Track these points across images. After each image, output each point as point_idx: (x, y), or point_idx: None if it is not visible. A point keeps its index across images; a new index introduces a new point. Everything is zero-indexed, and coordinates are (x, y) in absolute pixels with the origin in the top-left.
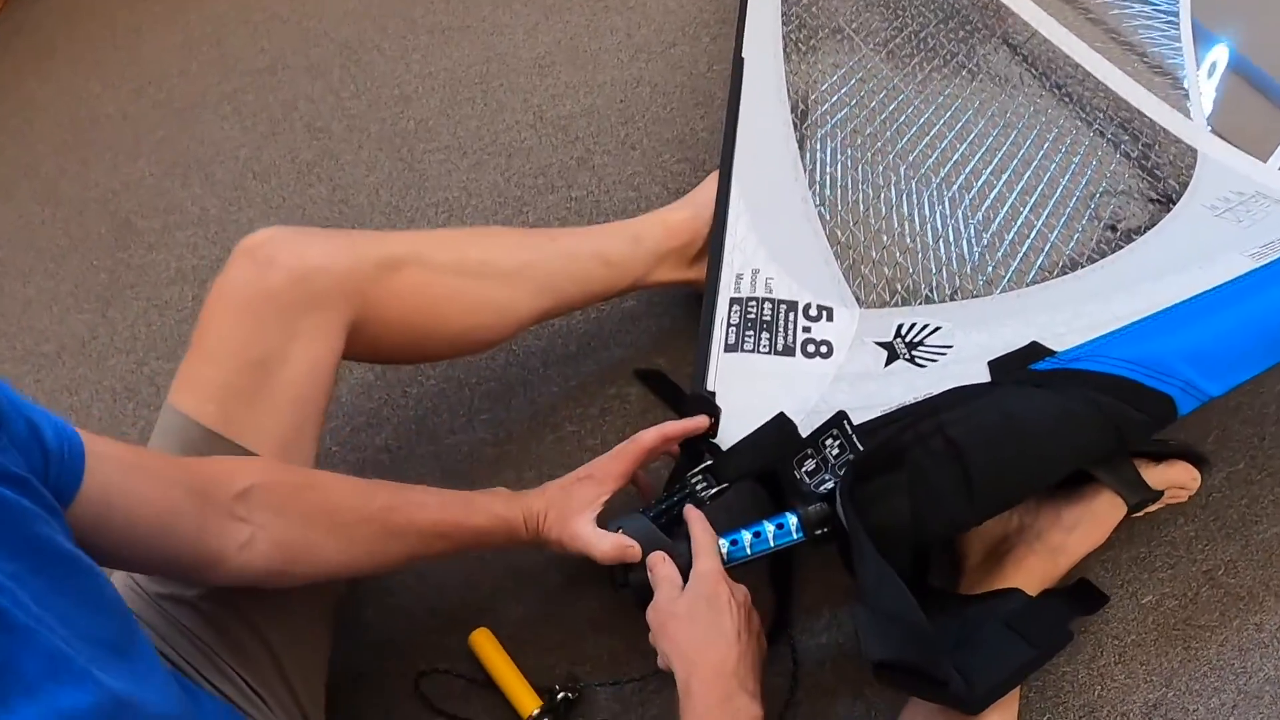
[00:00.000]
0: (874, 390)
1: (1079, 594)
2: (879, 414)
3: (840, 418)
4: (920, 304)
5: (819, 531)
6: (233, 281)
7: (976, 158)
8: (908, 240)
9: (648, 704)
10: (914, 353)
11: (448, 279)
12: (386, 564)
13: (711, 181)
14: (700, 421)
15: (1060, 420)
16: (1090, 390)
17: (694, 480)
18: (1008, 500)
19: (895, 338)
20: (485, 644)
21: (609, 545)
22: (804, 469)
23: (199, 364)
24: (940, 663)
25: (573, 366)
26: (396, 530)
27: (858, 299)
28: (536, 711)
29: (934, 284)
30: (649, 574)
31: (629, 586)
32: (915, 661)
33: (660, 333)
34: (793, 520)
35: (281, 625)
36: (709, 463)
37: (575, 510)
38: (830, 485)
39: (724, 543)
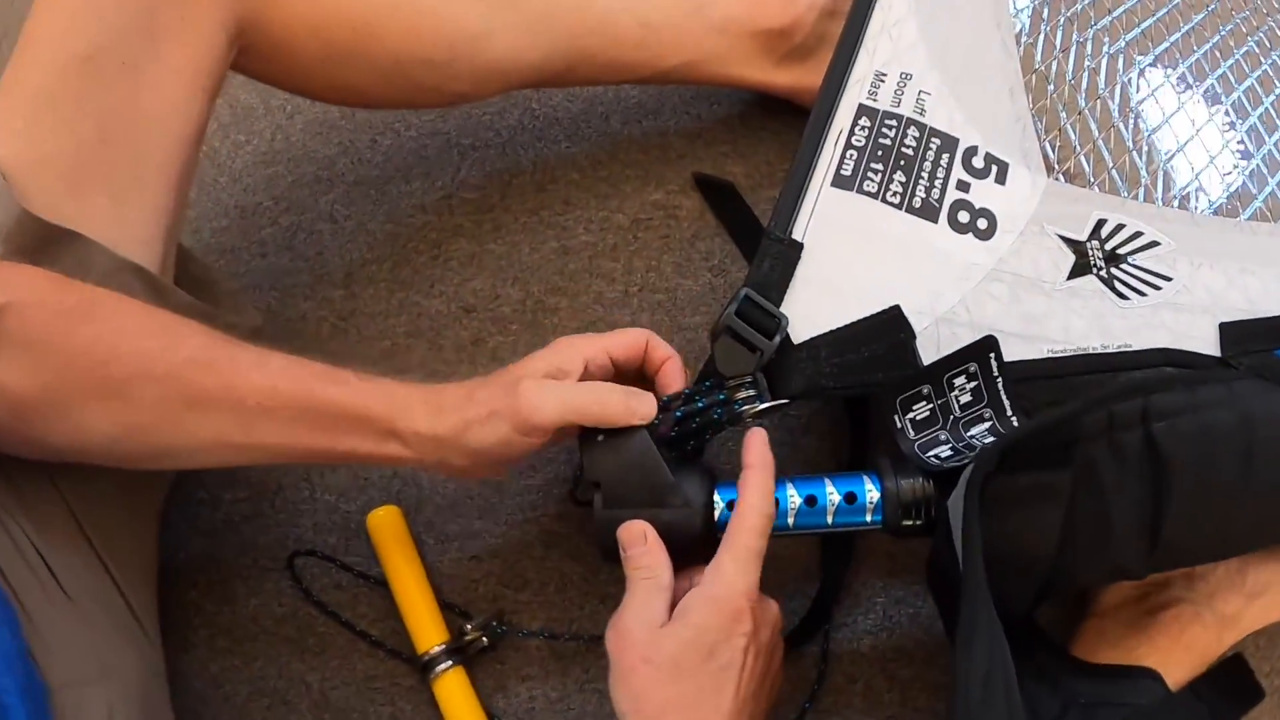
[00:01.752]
0: (1044, 313)
1: (1232, 688)
2: (1044, 354)
3: (988, 347)
4: (1136, 199)
5: (908, 523)
6: None
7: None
8: (1142, 121)
9: (590, 670)
10: (1114, 270)
11: None
12: (186, 451)
13: None
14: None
15: None
16: None
17: (734, 385)
18: (1211, 551)
19: (1090, 238)
20: (388, 531)
21: (554, 407)
22: (911, 415)
23: (9, 81)
24: None
25: (605, 148)
26: (202, 399)
27: (1048, 162)
28: (436, 649)
29: (1164, 181)
30: (621, 553)
31: (591, 511)
32: None
33: (731, 135)
34: (871, 492)
35: (87, 487)
36: (768, 359)
37: (513, 376)
38: (945, 454)
39: None
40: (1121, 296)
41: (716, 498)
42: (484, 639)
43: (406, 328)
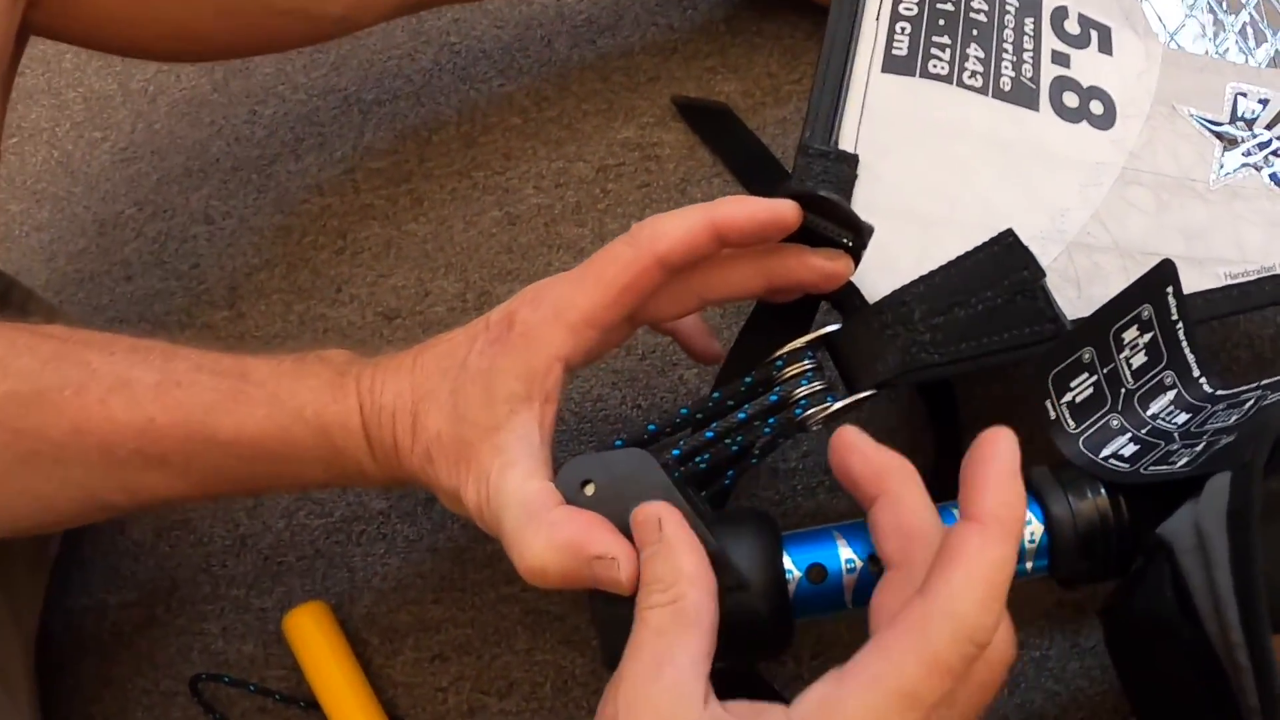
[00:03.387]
0: (1206, 224)
1: None
2: (1224, 281)
3: (1165, 277)
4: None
5: (1088, 565)
6: None
7: None
8: None
9: None
10: (1274, 158)
11: None
12: (42, 503)
13: None
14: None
15: None
16: None
17: (792, 375)
18: None
19: (1233, 120)
20: (312, 635)
21: (545, 542)
22: (1069, 396)
23: None
24: None
25: (552, 80)
26: (38, 453)
27: (1163, 22)
28: None
29: None
30: (630, 639)
31: (604, 626)
32: None
33: (716, 45)
34: (1030, 525)
35: None
36: (832, 329)
37: (489, 420)
38: (1129, 452)
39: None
40: None
41: (787, 562)
42: None
43: (310, 347)
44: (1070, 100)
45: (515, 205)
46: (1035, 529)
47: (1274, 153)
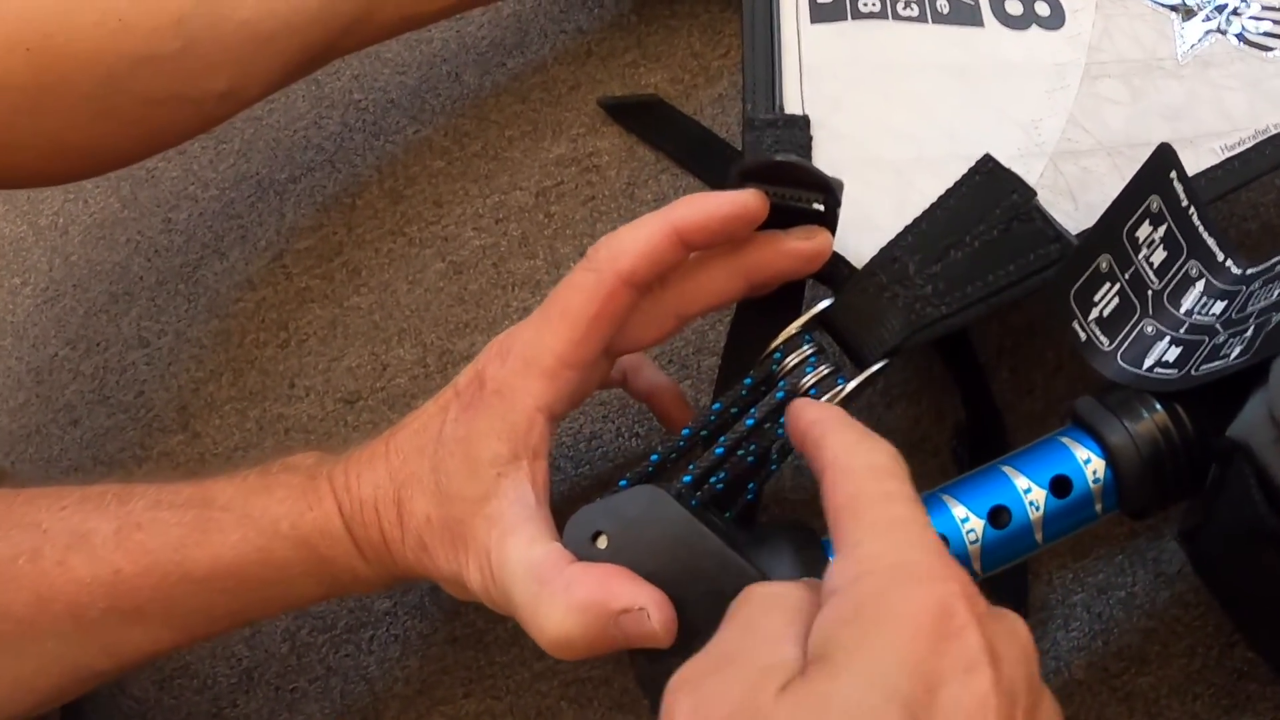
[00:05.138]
0: (1186, 101)
1: None
2: (1221, 155)
3: (1165, 162)
4: None
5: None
6: None
7: None
8: None
9: None
10: (1235, 20)
11: None
12: (19, 686)
13: None
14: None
15: None
16: None
17: (795, 365)
18: None
19: None
20: None
21: (563, 608)
22: (1095, 313)
23: None
24: None
25: (469, 114)
26: (22, 611)
27: None
28: None
29: None
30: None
31: (650, 686)
32: None
33: (632, 39)
34: (1092, 462)
35: None
36: (826, 305)
37: (477, 491)
38: (1173, 357)
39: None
40: (1265, 48)
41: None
42: None
43: (274, 452)
44: (1013, 8)
45: (457, 252)
46: (1097, 466)
47: (1234, 12)
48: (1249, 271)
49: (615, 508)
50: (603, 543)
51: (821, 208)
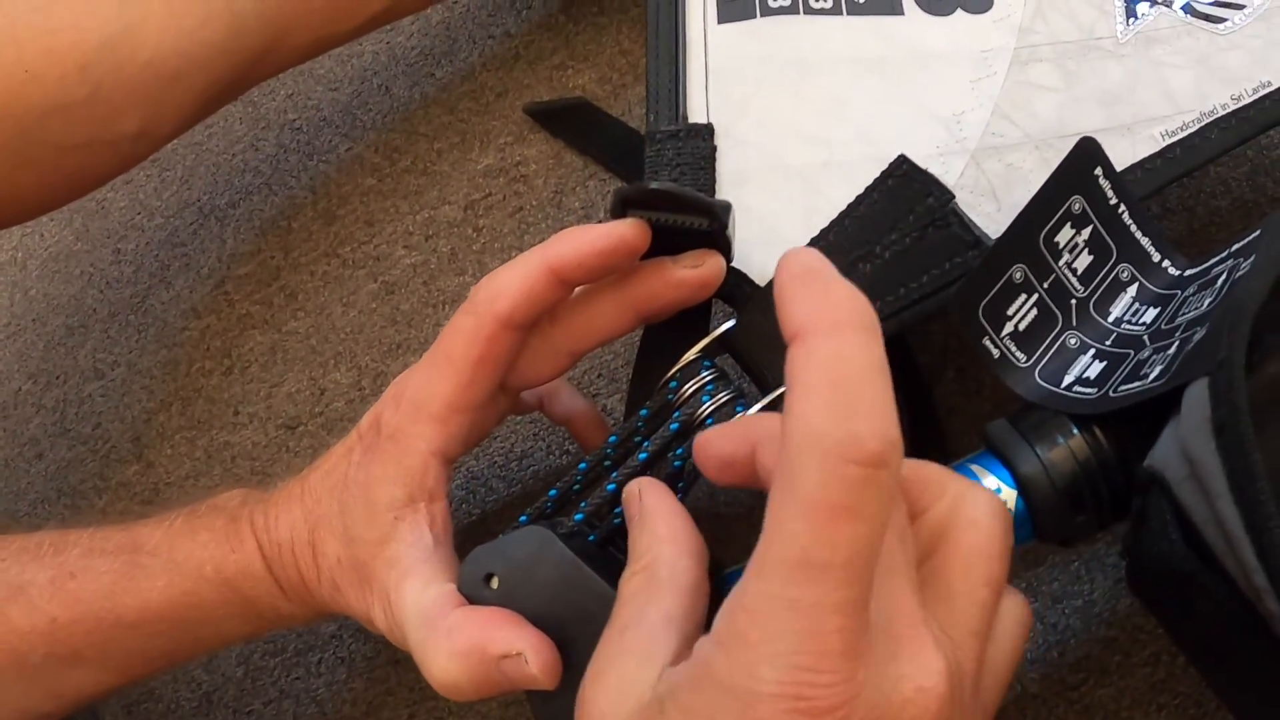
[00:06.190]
0: (1125, 82)
1: None
2: (1161, 143)
3: (1087, 157)
4: None
5: (1083, 518)
6: None
7: None
8: None
9: None
10: None
11: None
12: None
13: None
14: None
15: None
16: None
17: (691, 394)
18: None
19: None
20: None
21: (446, 653)
22: (1009, 327)
23: None
24: None
25: (398, 128)
26: None
27: None
28: None
29: None
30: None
31: (530, 698)
32: None
33: (560, 40)
34: (1003, 491)
35: None
36: (727, 328)
37: (376, 534)
38: (1095, 373)
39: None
40: (1214, 20)
41: None
42: None
43: (223, 480)
44: None
45: (389, 272)
46: (1008, 496)
47: None
48: (1187, 273)
49: (506, 549)
50: (495, 584)
51: (709, 229)
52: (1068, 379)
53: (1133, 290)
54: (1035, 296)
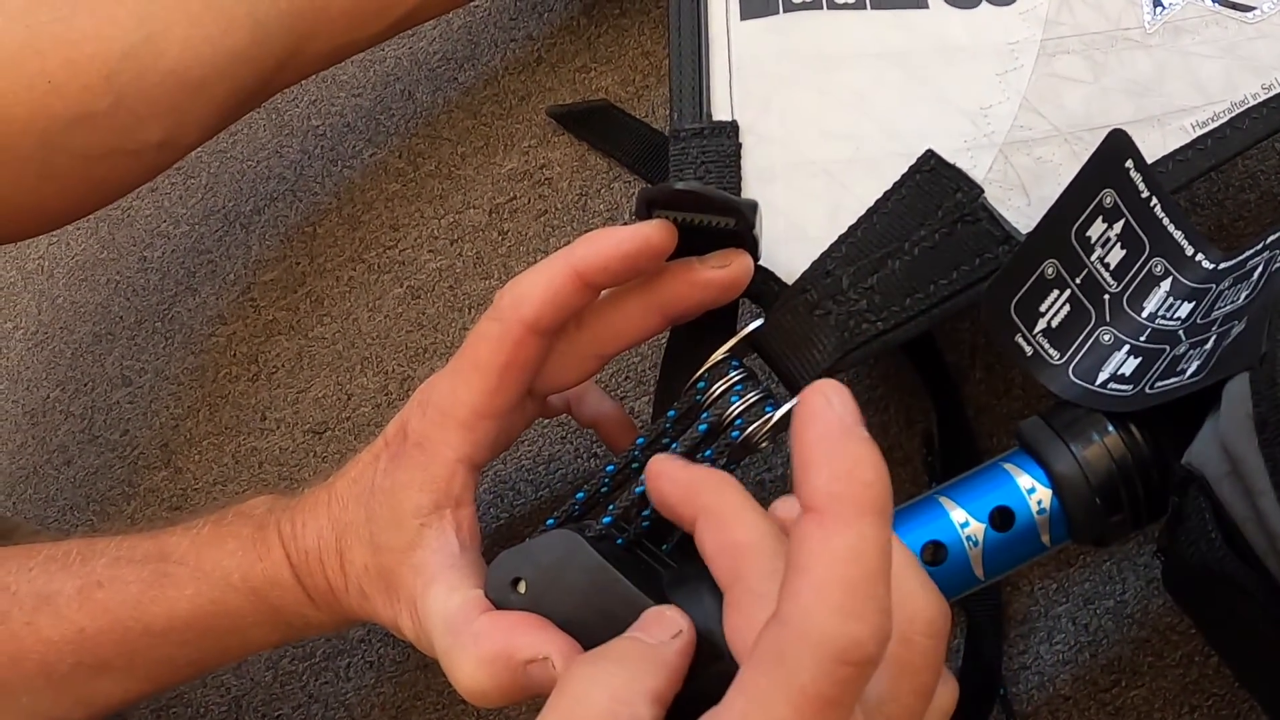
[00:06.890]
0: (1154, 74)
1: None
2: (1192, 134)
3: (1119, 150)
4: None
5: (1117, 517)
6: None
7: None
8: None
9: None
10: None
11: None
12: None
13: None
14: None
15: None
16: None
17: (720, 394)
18: None
19: None
20: None
21: (473, 660)
22: (1041, 324)
23: None
24: None
25: (422, 133)
26: None
27: None
28: None
29: None
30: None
31: None
32: None
33: (582, 43)
34: (1036, 492)
35: None
36: (755, 327)
37: (402, 541)
38: (1130, 369)
39: None
40: (1243, 8)
41: None
42: None
43: (250, 485)
44: None
45: (414, 276)
46: (1042, 495)
47: None
48: (1221, 266)
49: (533, 553)
50: (522, 588)
51: (736, 228)
52: (1102, 376)
53: (1167, 284)
54: (1068, 292)
